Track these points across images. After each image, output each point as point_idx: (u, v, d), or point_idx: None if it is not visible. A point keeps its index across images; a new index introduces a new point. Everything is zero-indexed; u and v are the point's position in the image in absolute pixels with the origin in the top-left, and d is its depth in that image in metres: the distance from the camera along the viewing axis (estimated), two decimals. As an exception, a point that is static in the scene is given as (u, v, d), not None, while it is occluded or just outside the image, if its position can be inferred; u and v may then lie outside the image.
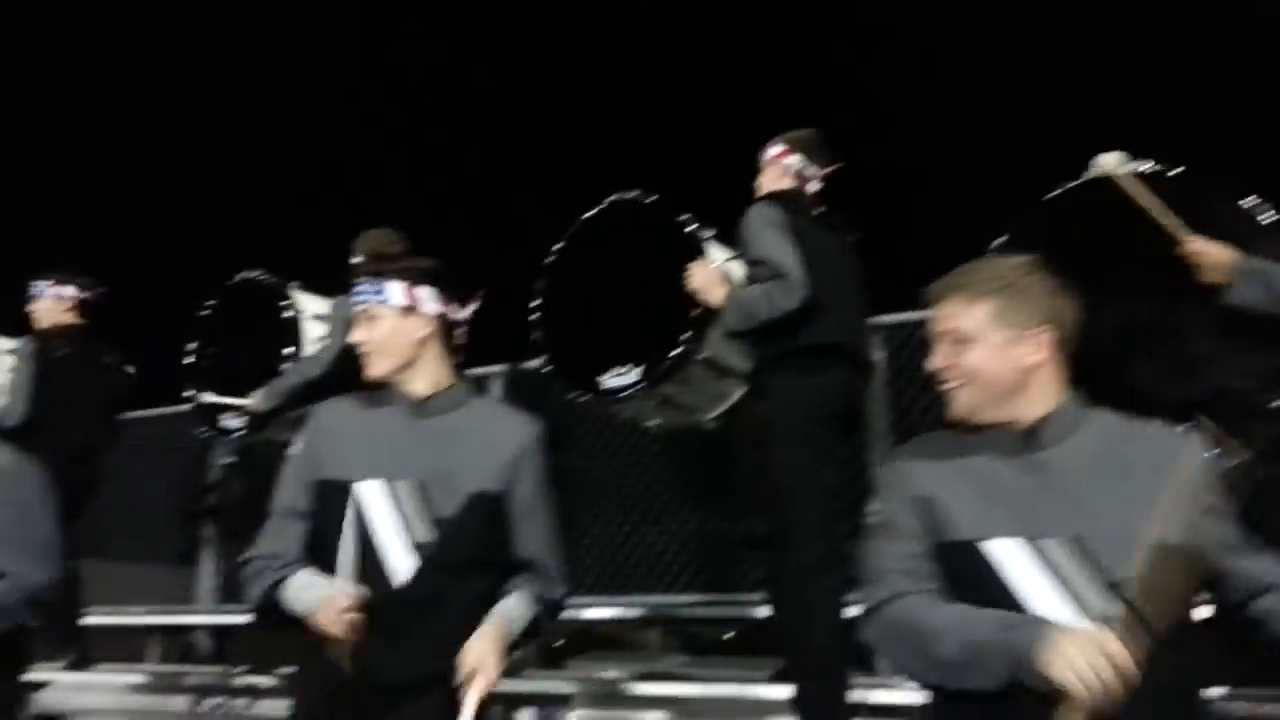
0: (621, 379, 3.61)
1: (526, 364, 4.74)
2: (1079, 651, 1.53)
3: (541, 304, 3.90)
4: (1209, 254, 2.83)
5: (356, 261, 4.02)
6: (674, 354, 3.50)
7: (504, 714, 3.79)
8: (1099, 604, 1.64)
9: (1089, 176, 3.12)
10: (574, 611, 4.01)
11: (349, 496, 2.11)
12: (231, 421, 4.40)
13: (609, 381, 3.64)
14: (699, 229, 3.62)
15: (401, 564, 2.08)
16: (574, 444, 4.54)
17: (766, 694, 3.41)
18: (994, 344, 1.78)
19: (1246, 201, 2.94)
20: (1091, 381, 1.88)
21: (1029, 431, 1.79)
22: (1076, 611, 1.65)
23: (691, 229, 3.62)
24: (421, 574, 2.08)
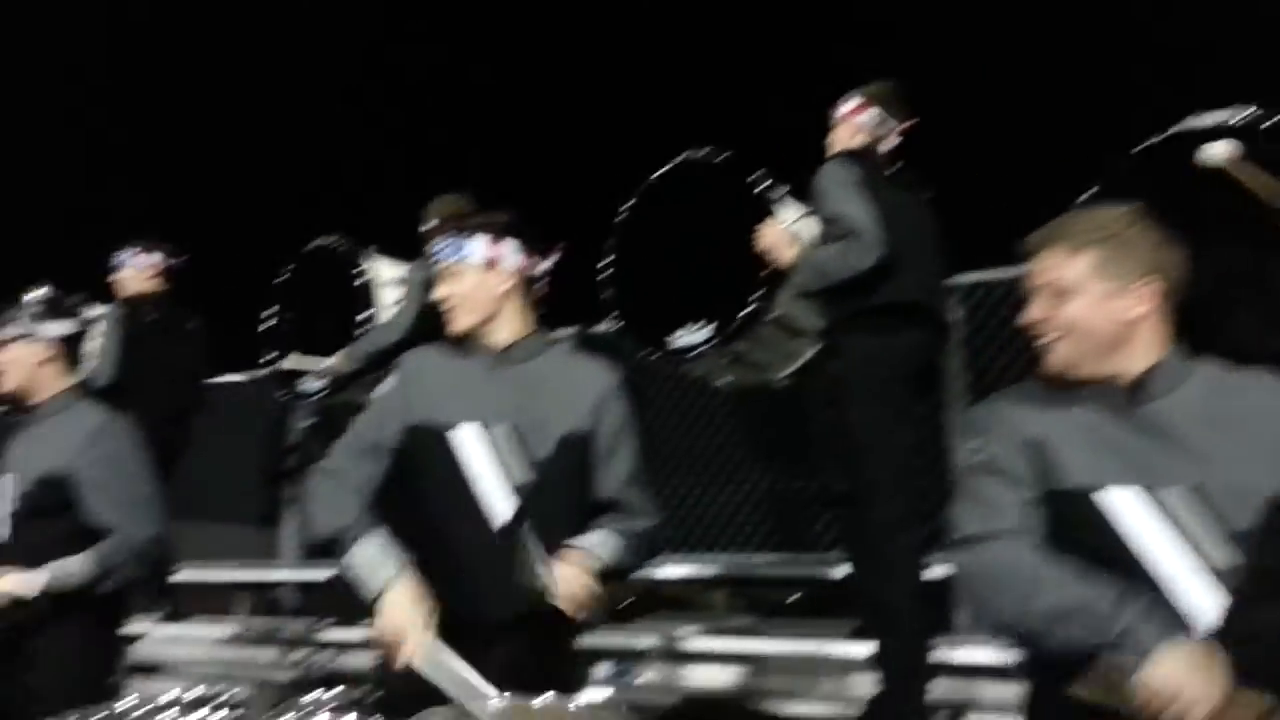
0: (692, 337, 3.60)
1: (595, 327, 4.75)
2: (1186, 675, 1.49)
3: (612, 262, 3.90)
4: None
5: (429, 227, 4.06)
6: (745, 313, 3.48)
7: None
8: (1220, 555, 1.60)
9: (1200, 164, 2.98)
10: (645, 570, 4.04)
11: (443, 441, 2.15)
12: (311, 384, 4.50)
13: (680, 339, 3.63)
14: (770, 188, 3.57)
15: (501, 506, 2.13)
16: (645, 403, 4.55)
17: (845, 651, 3.41)
18: (1095, 296, 1.73)
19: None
20: (1189, 333, 1.81)
21: (1134, 385, 1.74)
22: (1196, 563, 1.61)
23: (762, 188, 3.57)
24: (520, 515, 2.12)
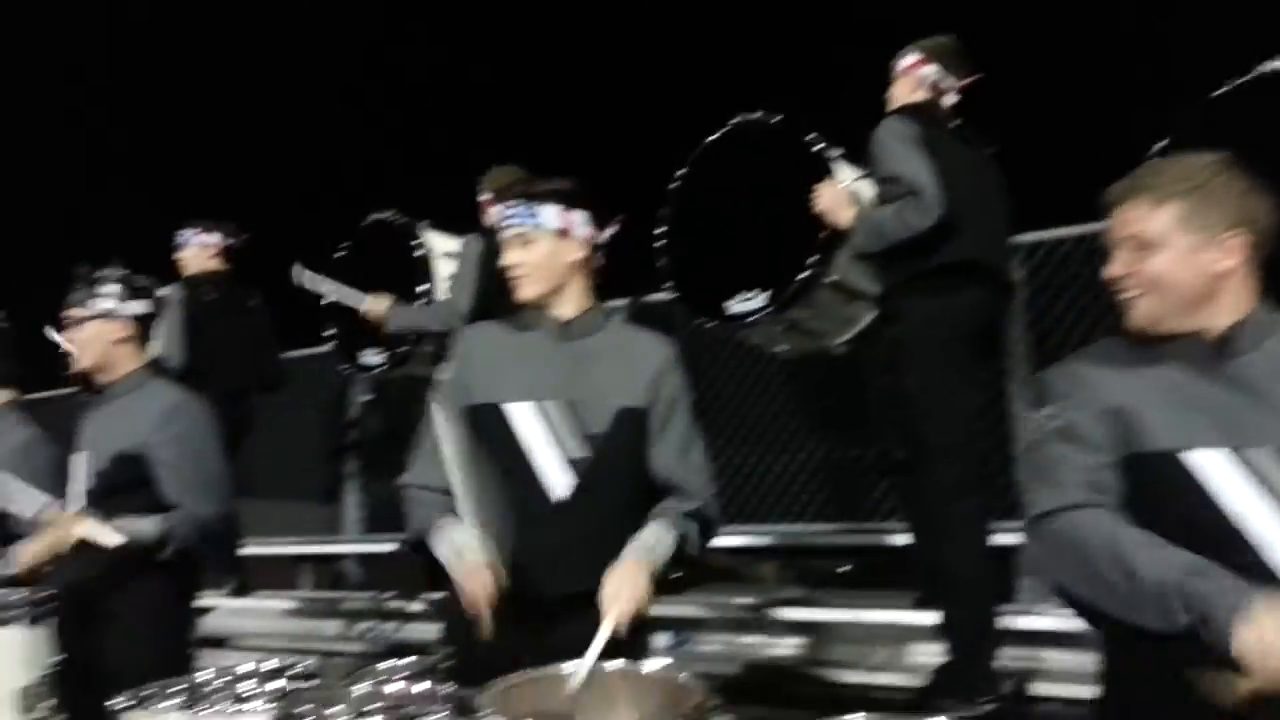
0: (748, 304, 3.56)
1: (649, 297, 4.73)
2: (1278, 632, 1.41)
3: (666, 230, 3.87)
4: None
5: (484, 198, 4.05)
6: (801, 278, 3.42)
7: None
8: None
9: (1260, 73, 2.87)
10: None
11: (500, 417, 2.15)
12: (371, 358, 4.55)
13: (735, 307, 3.59)
14: (826, 148, 3.50)
15: (558, 481, 2.13)
16: (698, 372, 4.53)
17: (908, 620, 3.38)
18: (1181, 250, 1.66)
19: None
20: (1277, 286, 1.74)
21: (1221, 341, 1.67)
22: None
23: (818, 148, 3.50)
24: (578, 490, 2.13)
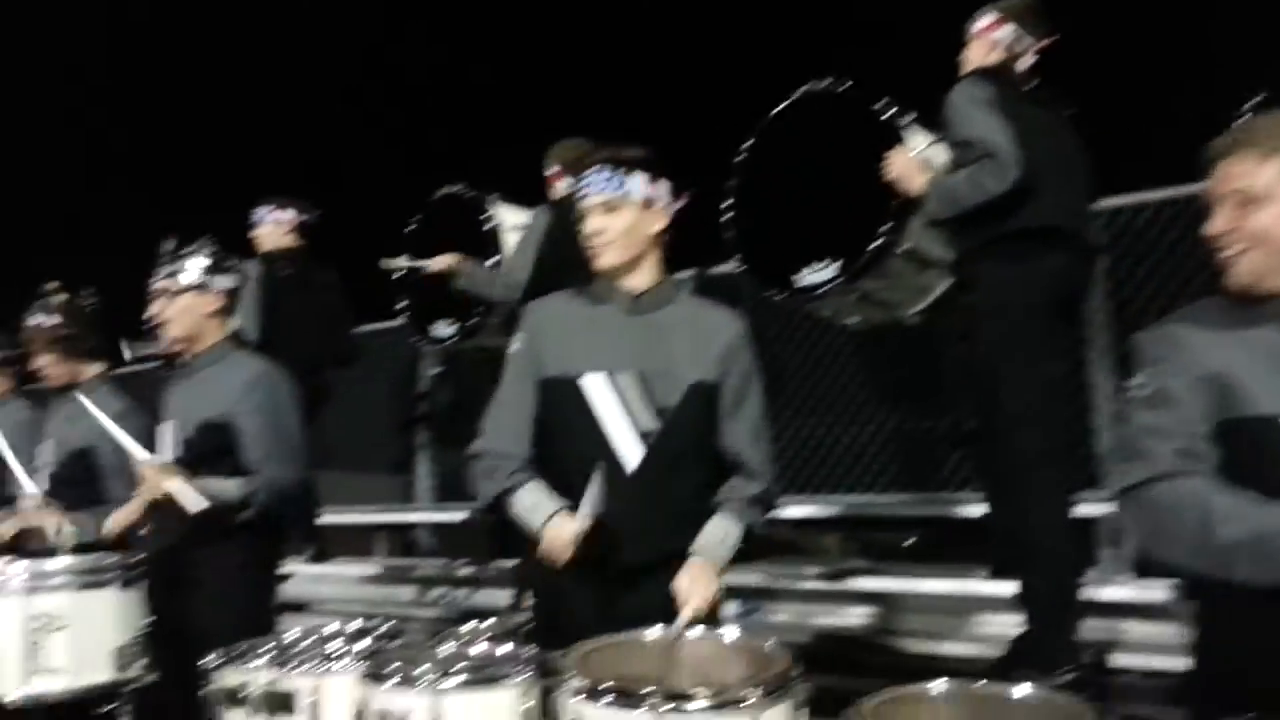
0: (818, 275, 3.52)
1: (715, 269, 4.71)
2: None
3: (733, 203, 3.84)
4: None
5: (551, 171, 4.07)
6: (873, 247, 3.37)
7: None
8: None
9: None
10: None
11: (574, 389, 2.18)
12: (442, 330, 4.62)
13: (805, 278, 3.55)
14: (897, 114, 3.44)
15: (630, 452, 2.15)
16: (765, 343, 4.50)
17: (979, 590, 3.34)
18: None
19: None
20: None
21: None
22: None
23: (889, 115, 3.44)
24: (649, 461, 2.15)
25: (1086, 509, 3.27)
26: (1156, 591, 3.15)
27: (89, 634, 2.73)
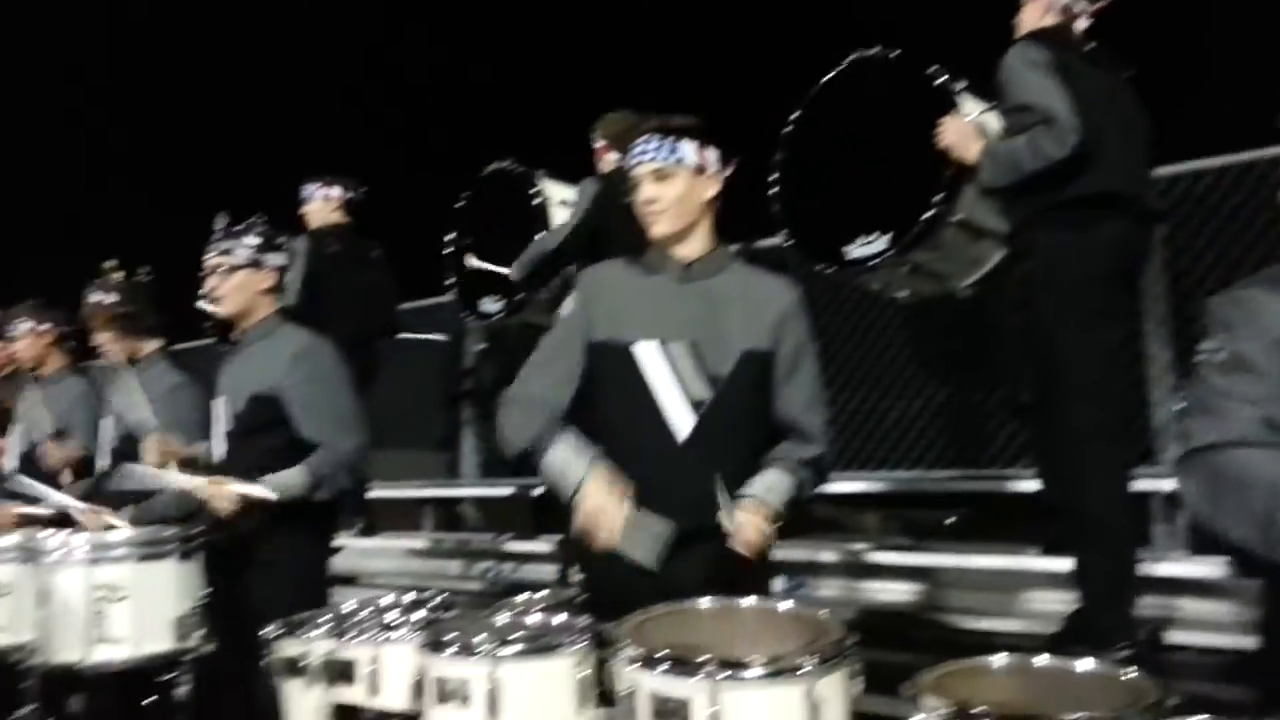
0: (868, 248, 3.46)
1: (759, 243, 4.66)
2: None
3: (780, 176, 3.79)
4: None
5: (600, 144, 4.05)
6: (925, 217, 3.31)
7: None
8: None
9: None
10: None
11: (626, 356, 2.17)
12: (489, 305, 4.63)
13: (854, 251, 3.50)
14: (949, 80, 3.36)
15: (681, 421, 2.14)
16: (813, 317, 4.45)
17: (1035, 566, 3.29)
18: None
19: None
20: None
21: None
22: None
23: (941, 81, 3.37)
24: (700, 430, 2.14)
25: (1143, 484, 3.21)
26: (1212, 568, 3.09)
27: (149, 604, 2.78)
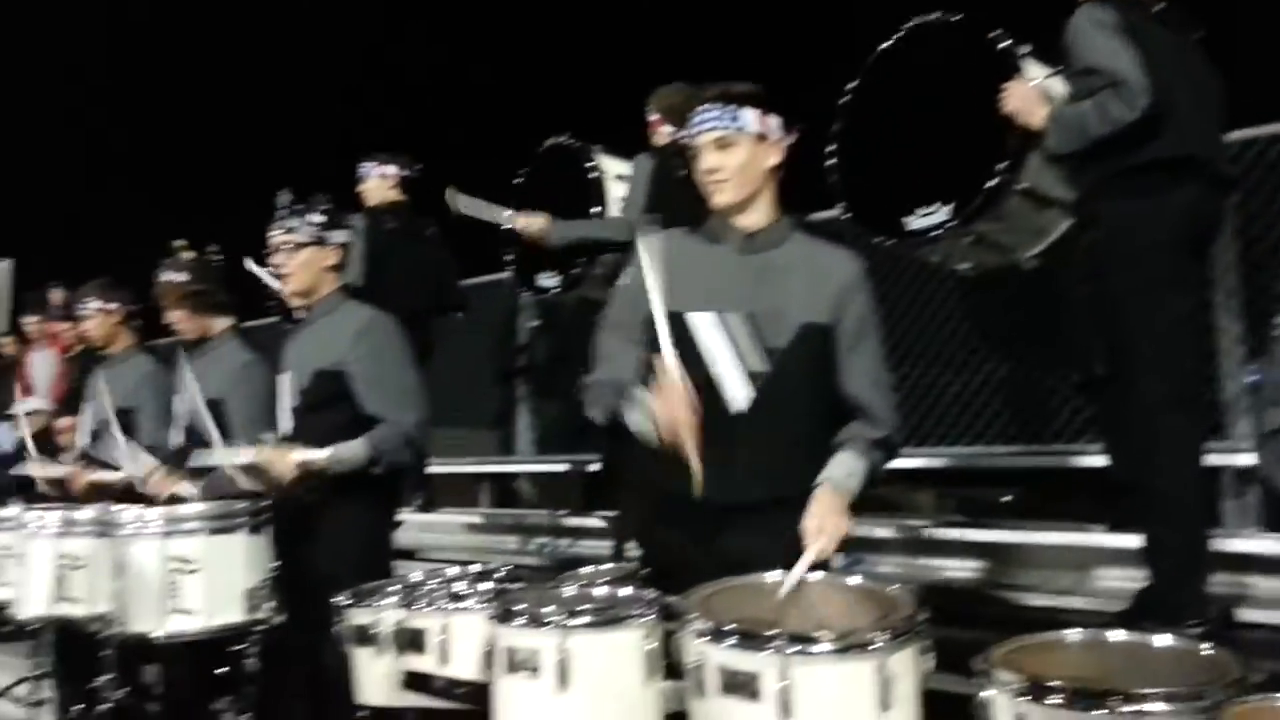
0: (929, 219, 3.39)
1: (815, 215, 4.61)
2: None
3: (837, 147, 3.73)
4: None
5: (653, 118, 4.03)
6: (989, 186, 3.23)
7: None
8: None
9: None
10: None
11: (682, 326, 2.14)
12: (545, 281, 4.64)
13: (915, 222, 3.43)
14: (1013, 44, 3.28)
15: (738, 393, 2.13)
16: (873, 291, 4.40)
17: (1101, 543, 3.23)
18: None
19: None
20: None
21: None
22: None
23: (1004, 45, 3.28)
24: (758, 403, 2.12)
25: (1214, 458, 3.12)
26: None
27: (221, 576, 2.86)
